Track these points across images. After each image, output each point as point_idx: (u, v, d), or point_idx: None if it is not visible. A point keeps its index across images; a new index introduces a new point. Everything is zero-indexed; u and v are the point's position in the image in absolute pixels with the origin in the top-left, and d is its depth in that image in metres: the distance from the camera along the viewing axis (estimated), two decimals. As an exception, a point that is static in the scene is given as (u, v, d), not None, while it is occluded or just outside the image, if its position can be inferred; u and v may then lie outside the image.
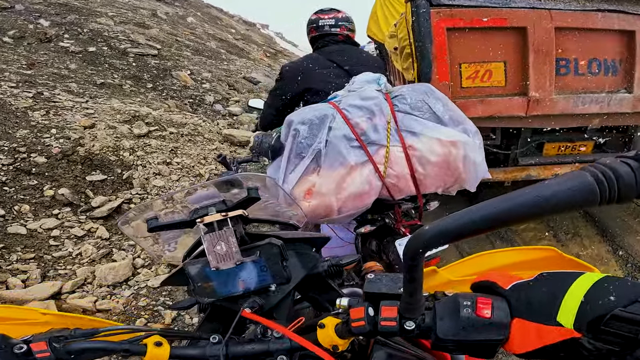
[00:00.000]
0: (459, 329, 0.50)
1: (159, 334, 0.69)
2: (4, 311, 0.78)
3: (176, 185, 3.62)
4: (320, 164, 1.42)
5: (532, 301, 0.48)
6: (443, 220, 0.45)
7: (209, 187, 0.94)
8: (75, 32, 6.83)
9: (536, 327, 0.47)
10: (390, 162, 1.44)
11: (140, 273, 2.72)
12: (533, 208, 0.39)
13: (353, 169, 1.42)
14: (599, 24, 2.63)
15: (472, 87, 2.67)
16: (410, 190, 1.52)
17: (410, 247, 0.47)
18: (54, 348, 0.61)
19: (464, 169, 1.48)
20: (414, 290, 0.51)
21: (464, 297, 0.52)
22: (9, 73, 4.69)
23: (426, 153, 1.44)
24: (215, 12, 14.50)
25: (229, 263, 0.75)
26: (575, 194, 0.38)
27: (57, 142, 3.54)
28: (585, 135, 3.03)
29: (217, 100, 6.24)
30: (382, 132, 1.45)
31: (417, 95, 1.52)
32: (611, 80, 2.74)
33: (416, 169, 1.46)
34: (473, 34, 2.61)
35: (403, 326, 0.54)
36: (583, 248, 3.06)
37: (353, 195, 1.43)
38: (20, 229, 2.82)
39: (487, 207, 0.42)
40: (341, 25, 2.30)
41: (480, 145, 1.55)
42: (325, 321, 0.65)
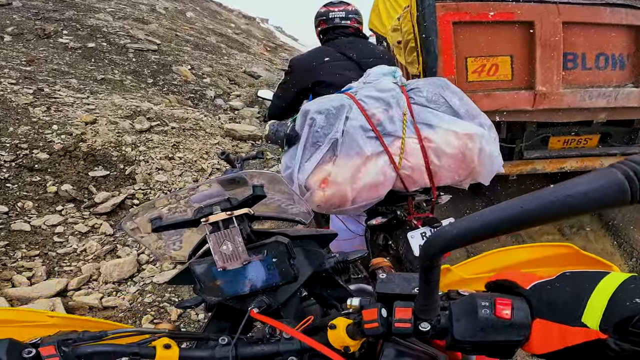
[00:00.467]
0: (477, 330, 0.49)
1: (168, 335, 0.68)
2: (11, 314, 0.77)
3: (179, 180, 3.61)
4: (336, 153, 1.43)
5: (555, 301, 0.47)
6: (465, 220, 0.43)
7: (213, 185, 0.93)
8: (74, 28, 6.77)
9: (559, 328, 0.45)
10: (405, 153, 1.46)
11: (145, 269, 2.72)
12: (563, 208, 0.38)
13: (368, 159, 1.43)
14: (607, 19, 2.62)
15: (478, 81, 2.66)
16: (425, 182, 1.52)
17: (429, 248, 0.45)
18: (63, 352, 0.60)
19: (479, 162, 1.49)
20: (430, 291, 0.50)
21: (481, 298, 0.51)
22: (8, 70, 4.64)
23: (442, 145, 1.45)
24: (215, 6, 14.40)
25: (235, 263, 0.74)
26: (607, 192, 0.36)
27: (58, 138, 3.52)
28: (591, 129, 3.02)
29: (218, 94, 6.20)
30: (398, 123, 1.46)
31: (433, 88, 1.53)
32: (618, 74, 2.74)
33: (431, 160, 1.47)
34: (479, 28, 2.59)
35: (418, 327, 0.53)
36: (588, 242, 3.06)
37: (368, 185, 1.44)
38: (24, 226, 2.80)
39: (513, 206, 0.40)
40: (351, 18, 2.29)
41: (496, 139, 1.56)
42: (336, 322, 0.63)
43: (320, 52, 2.23)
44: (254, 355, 0.68)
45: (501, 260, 0.80)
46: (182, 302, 0.94)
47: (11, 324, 0.73)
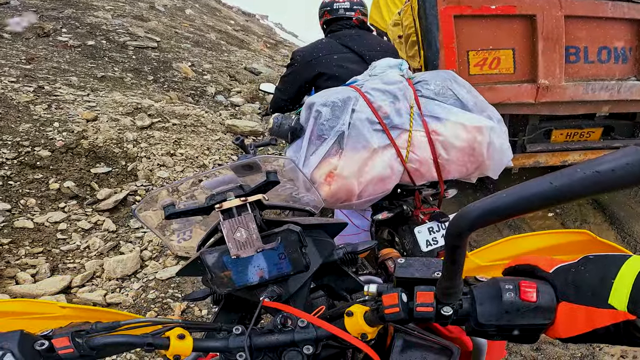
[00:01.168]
0: (502, 314, 0.49)
1: (181, 326, 0.67)
2: (21, 305, 0.76)
3: (181, 176, 3.61)
4: (342, 147, 1.40)
5: (580, 284, 0.47)
6: (491, 198, 0.42)
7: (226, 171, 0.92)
8: (73, 26, 6.75)
9: (586, 310, 0.45)
10: (412, 146, 1.44)
11: (149, 265, 2.72)
12: (592, 184, 0.37)
13: (375, 153, 1.41)
14: (609, 13, 2.62)
15: (480, 75, 2.66)
16: (432, 175, 1.50)
17: (455, 226, 0.44)
18: (77, 343, 0.59)
19: (487, 155, 1.47)
20: (454, 273, 0.49)
21: (505, 281, 0.50)
22: (8, 68, 4.64)
23: (450, 138, 1.43)
24: (214, 3, 14.33)
25: (249, 250, 0.72)
26: (634, 169, 0.36)
27: (60, 136, 3.51)
28: (594, 122, 3.01)
29: (219, 91, 6.19)
30: (405, 116, 1.43)
31: (441, 81, 1.51)
32: (621, 67, 2.74)
33: (439, 153, 1.45)
34: (481, 21, 2.59)
35: (440, 312, 0.52)
36: (590, 235, 3.06)
37: (375, 179, 1.42)
38: (27, 223, 2.81)
39: (542, 183, 0.40)
40: (356, 10, 2.26)
41: (506, 132, 1.54)
42: (353, 309, 0.63)
43: (323, 45, 2.20)
44: (269, 344, 0.67)
45: (517, 248, 0.80)
46: (189, 295, 0.93)
47: (21, 315, 0.72)
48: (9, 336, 0.55)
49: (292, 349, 0.67)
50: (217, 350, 0.68)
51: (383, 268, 1.20)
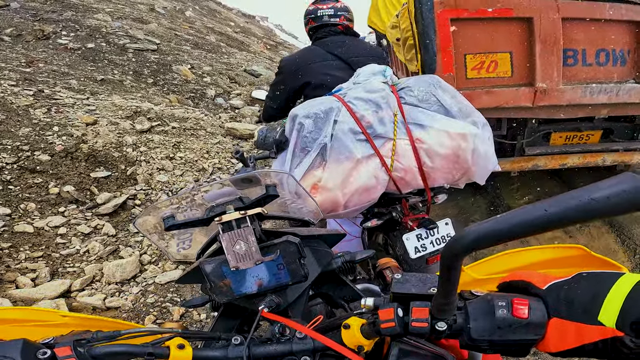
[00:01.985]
0: (495, 330, 0.50)
1: (181, 335, 0.68)
2: (23, 313, 0.76)
3: (180, 180, 3.62)
4: (326, 158, 1.40)
5: (572, 301, 0.48)
6: (487, 223, 0.44)
7: (226, 183, 0.93)
8: (73, 29, 6.77)
9: (576, 327, 0.47)
10: (397, 155, 1.43)
11: (148, 270, 2.73)
12: (586, 211, 0.38)
13: (359, 163, 1.40)
14: (607, 15, 2.60)
15: (478, 78, 2.65)
16: (418, 183, 1.50)
17: (450, 249, 0.46)
18: (79, 353, 0.59)
19: (473, 162, 1.46)
20: (449, 291, 0.50)
21: (499, 298, 0.52)
22: (8, 71, 4.65)
23: (434, 146, 1.42)
24: (214, 5, 14.36)
25: (248, 263, 0.73)
26: (629, 196, 0.37)
27: (60, 140, 3.52)
28: (593, 125, 3.01)
29: (219, 93, 6.20)
30: (388, 125, 1.42)
31: (424, 87, 1.49)
32: (620, 70, 2.73)
33: (424, 162, 1.44)
34: (478, 24, 2.58)
35: (434, 327, 0.54)
36: (591, 240, 3.06)
37: (360, 189, 1.42)
38: (27, 228, 2.82)
39: (536, 210, 0.41)
40: (340, 15, 2.26)
41: (490, 138, 1.54)
42: (350, 322, 0.64)
43: (309, 53, 2.21)
44: (267, 354, 0.68)
45: (513, 262, 0.81)
46: (188, 301, 0.94)
47: (23, 323, 0.73)
48: (11, 345, 0.56)
49: (290, 359, 0.68)
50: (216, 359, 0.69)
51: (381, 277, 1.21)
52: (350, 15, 2.32)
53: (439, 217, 1.73)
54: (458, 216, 3.40)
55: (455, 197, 3.64)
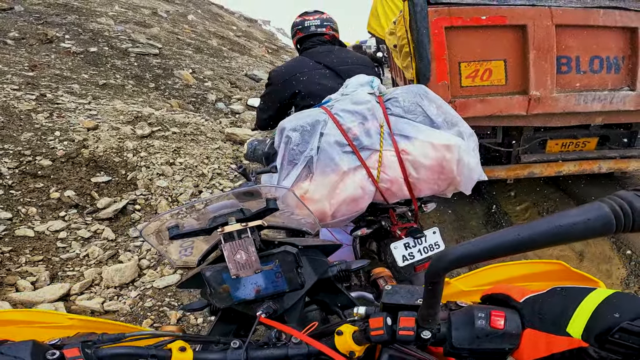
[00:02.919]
0: (474, 339, 0.55)
1: (182, 338, 0.71)
2: (31, 315, 0.80)
3: (180, 186, 3.65)
4: (312, 171, 1.42)
5: (544, 313, 0.52)
6: (467, 244, 0.48)
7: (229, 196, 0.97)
8: (76, 32, 6.84)
9: (546, 337, 0.51)
10: (383, 166, 1.44)
11: (146, 274, 2.76)
12: (554, 237, 0.43)
13: (346, 175, 1.43)
14: (600, 21, 2.61)
15: (472, 86, 2.67)
16: (404, 194, 1.52)
17: (434, 267, 0.51)
18: (86, 354, 0.62)
19: (458, 172, 1.47)
20: (433, 303, 0.55)
21: (478, 309, 0.57)
22: (10, 75, 4.71)
23: (419, 157, 1.43)
24: (216, 9, 14.45)
25: (248, 271, 0.78)
26: (595, 224, 0.41)
27: (61, 145, 3.57)
28: (589, 132, 3.02)
29: (219, 98, 6.25)
30: (375, 136, 1.44)
31: (410, 97, 1.51)
32: (614, 77, 2.73)
33: (410, 173, 1.46)
34: (472, 33, 2.60)
35: (420, 335, 0.58)
36: (587, 246, 3.07)
37: (347, 200, 1.44)
38: (28, 232, 2.86)
39: (509, 234, 0.45)
40: (326, 26, 2.32)
41: (475, 148, 1.56)
42: (343, 328, 0.68)
43: (297, 63, 2.24)
44: (264, 358, 0.72)
45: (497, 275, 0.85)
46: (188, 305, 0.98)
47: (30, 324, 0.76)
48: (21, 346, 0.59)
49: None
50: None
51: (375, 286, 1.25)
52: (336, 26, 2.39)
53: (435, 225, 1.76)
54: (454, 223, 3.42)
55: (452, 205, 3.66)
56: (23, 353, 0.58)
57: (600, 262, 2.90)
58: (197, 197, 3.59)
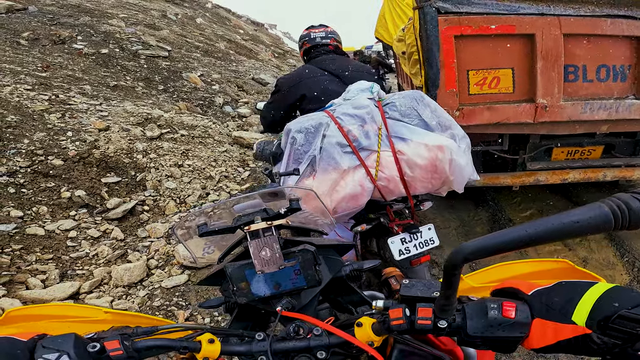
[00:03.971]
0: (487, 327, 0.60)
1: (210, 331, 0.75)
2: (68, 309, 0.83)
3: (188, 187, 3.70)
4: (315, 169, 1.54)
5: (551, 304, 0.58)
6: (481, 239, 0.53)
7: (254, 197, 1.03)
8: (88, 34, 6.95)
9: (553, 325, 0.56)
10: (381, 165, 1.55)
11: (155, 274, 2.80)
12: (559, 232, 0.48)
13: (346, 173, 1.54)
14: (608, 30, 2.62)
15: (480, 94, 2.69)
16: (401, 191, 1.62)
17: (452, 259, 0.55)
18: (125, 346, 0.66)
19: (450, 172, 1.57)
20: (450, 294, 0.59)
21: (491, 301, 0.62)
22: (24, 75, 4.80)
23: (414, 157, 1.54)
24: (224, 12, 14.59)
25: (272, 267, 0.82)
26: (596, 221, 0.47)
27: (73, 145, 3.63)
28: (595, 140, 3.03)
29: (227, 101, 6.31)
30: (373, 138, 1.55)
31: (407, 102, 1.62)
32: (620, 86, 2.74)
33: (405, 172, 1.56)
34: (481, 41, 2.62)
35: (437, 324, 0.62)
36: (591, 252, 3.08)
37: (347, 196, 1.55)
38: (39, 230, 2.91)
39: (519, 230, 0.51)
40: (331, 37, 2.54)
41: (467, 150, 1.65)
42: (362, 320, 0.73)
43: (303, 70, 2.41)
44: (287, 349, 0.76)
45: (505, 272, 0.90)
46: (204, 303, 1.02)
47: (64, 318, 0.80)
48: (64, 339, 0.62)
49: (303, 355, 0.76)
50: (241, 353, 0.77)
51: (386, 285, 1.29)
52: (339, 38, 2.61)
53: (441, 230, 1.81)
54: (459, 229, 3.43)
55: (456, 211, 3.68)
56: (66, 346, 0.61)
57: (603, 268, 2.91)
58: (205, 200, 3.63)
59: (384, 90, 1.88)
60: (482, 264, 1.67)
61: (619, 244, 3.10)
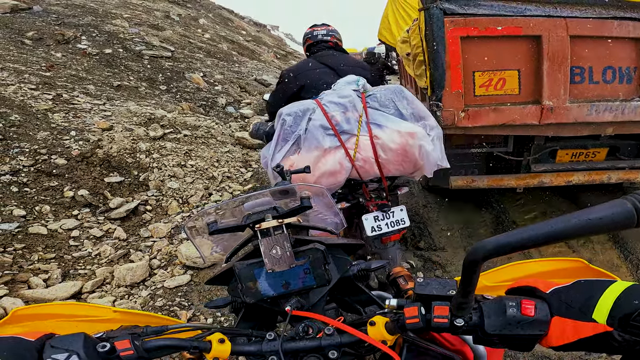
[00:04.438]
0: (505, 325, 0.59)
1: (220, 331, 0.74)
2: (77, 308, 0.82)
3: (190, 188, 3.69)
4: (300, 147, 1.74)
5: (571, 302, 0.57)
6: (503, 235, 0.53)
7: (265, 194, 1.01)
8: (92, 34, 6.97)
9: (573, 323, 0.55)
10: (359, 148, 1.75)
11: (157, 274, 2.79)
12: (584, 228, 0.48)
13: (327, 152, 1.75)
14: (615, 32, 2.62)
15: (486, 95, 2.68)
16: (375, 172, 1.82)
17: (471, 256, 0.54)
18: (135, 345, 0.65)
19: (419, 157, 1.77)
20: (468, 292, 0.59)
21: (509, 299, 0.61)
22: (28, 75, 4.81)
23: (387, 141, 1.74)
24: (226, 13, 14.62)
25: (283, 265, 0.81)
26: (620, 217, 0.46)
27: (76, 144, 3.63)
28: (600, 142, 3.02)
29: (229, 102, 6.31)
30: (354, 123, 1.76)
31: (387, 94, 1.84)
32: (625, 88, 2.73)
33: (380, 154, 1.76)
34: (487, 42, 2.61)
35: (453, 323, 0.61)
36: (595, 255, 3.06)
37: (327, 173, 1.75)
38: (41, 229, 2.90)
39: (543, 227, 0.50)
40: (331, 35, 2.77)
41: (435, 139, 1.84)
42: (375, 319, 0.72)
43: (304, 63, 2.65)
44: (298, 349, 0.75)
45: (520, 271, 0.89)
46: (211, 302, 1.01)
47: (72, 318, 0.79)
48: (74, 339, 0.61)
49: (312, 355, 0.75)
50: (251, 353, 0.75)
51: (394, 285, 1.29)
52: (339, 36, 2.83)
53: (444, 231, 1.81)
54: (462, 231, 3.41)
55: (460, 213, 3.67)
56: (75, 346, 0.59)
57: (607, 269, 2.89)
58: (208, 200, 3.63)
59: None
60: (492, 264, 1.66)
61: (623, 245, 3.09)
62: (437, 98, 2.65)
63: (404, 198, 3.44)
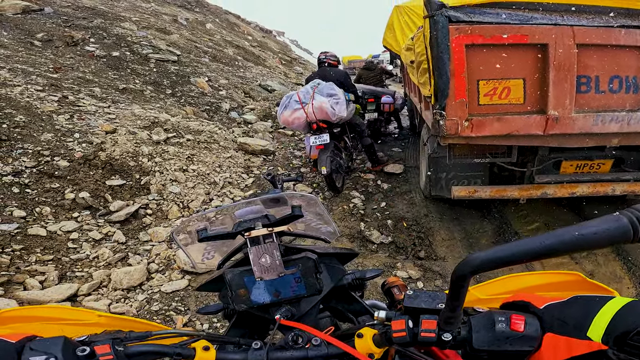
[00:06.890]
0: (494, 341, 0.56)
1: (206, 338, 0.73)
2: (60, 311, 0.81)
3: (192, 192, 3.68)
4: (287, 109, 3.97)
5: (565, 318, 0.54)
6: (493, 250, 0.51)
7: (256, 203, 1.00)
8: (101, 36, 7.03)
9: (566, 341, 0.53)
10: (309, 108, 3.85)
11: (154, 278, 2.77)
12: (576, 244, 0.46)
13: (296, 110, 3.91)
14: (622, 40, 2.56)
15: (490, 105, 2.64)
16: (314, 118, 3.88)
17: (460, 270, 0.52)
18: (116, 351, 0.63)
19: (329, 112, 3.85)
20: (456, 306, 0.56)
21: (498, 314, 0.58)
22: (35, 76, 4.85)
23: (316, 105, 3.83)
24: (233, 18, 14.75)
25: (272, 274, 0.80)
26: (615, 233, 0.44)
27: (79, 147, 3.64)
28: (604, 154, 2.97)
29: (233, 107, 6.33)
30: (308, 99, 3.87)
31: (323, 87, 3.99)
32: (632, 98, 2.67)
33: (315, 111, 3.84)
34: (492, 51, 2.57)
35: (441, 337, 0.59)
36: (597, 266, 3.00)
37: (295, 119, 3.92)
38: (41, 231, 2.90)
39: (534, 241, 0.48)
40: (328, 58, 4.81)
41: (339, 103, 3.93)
42: (363, 331, 0.70)
43: (311, 75, 4.75)
44: (284, 359, 0.72)
45: (515, 284, 0.86)
46: (203, 308, 1.00)
47: (57, 321, 0.77)
48: (53, 342, 0.60)
49: None
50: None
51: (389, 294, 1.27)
52: (334, 58, 4.86)
53: (445, 242, 1.75)
54: (464, 241, 3.37)
55: (462, 223, 3.63)
56: (54, 349, 0.58)
57: (610, 281, 2.84)
58: (209, 205, 3.61)
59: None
60: (486, 276, 1.63)
61: (626, 257, 3.02)
62: (440, 107, 2.61)
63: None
